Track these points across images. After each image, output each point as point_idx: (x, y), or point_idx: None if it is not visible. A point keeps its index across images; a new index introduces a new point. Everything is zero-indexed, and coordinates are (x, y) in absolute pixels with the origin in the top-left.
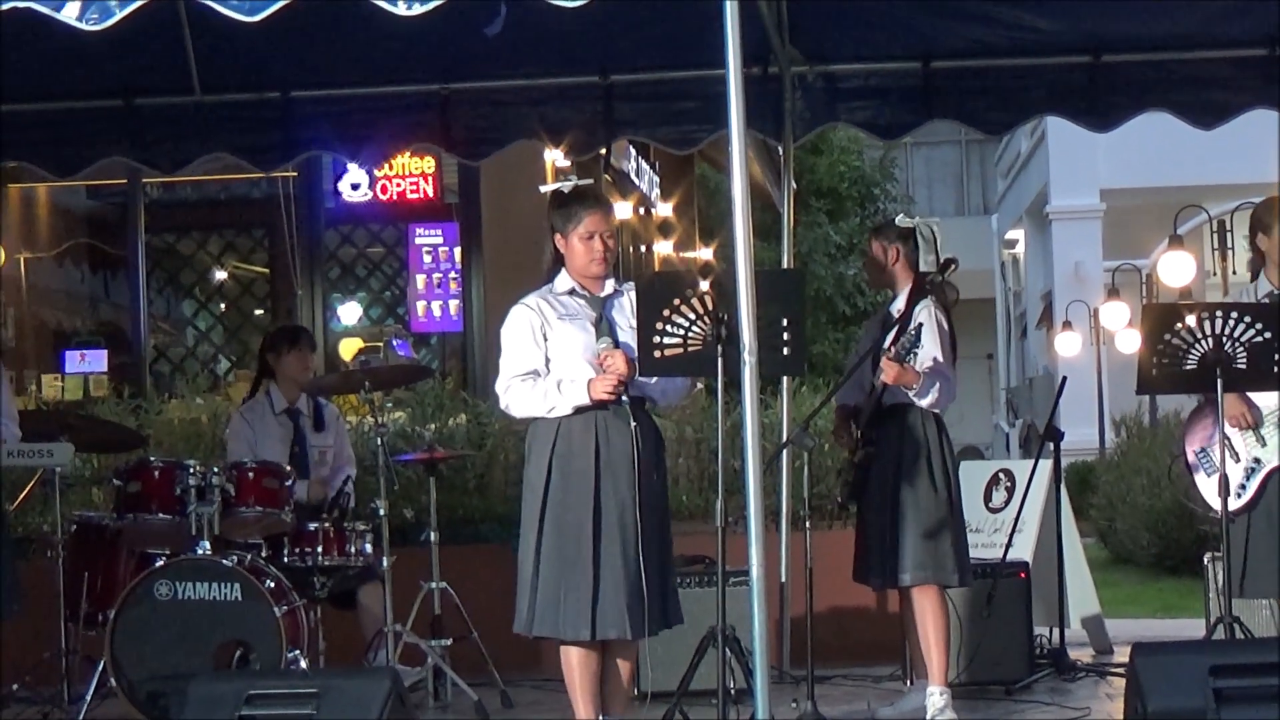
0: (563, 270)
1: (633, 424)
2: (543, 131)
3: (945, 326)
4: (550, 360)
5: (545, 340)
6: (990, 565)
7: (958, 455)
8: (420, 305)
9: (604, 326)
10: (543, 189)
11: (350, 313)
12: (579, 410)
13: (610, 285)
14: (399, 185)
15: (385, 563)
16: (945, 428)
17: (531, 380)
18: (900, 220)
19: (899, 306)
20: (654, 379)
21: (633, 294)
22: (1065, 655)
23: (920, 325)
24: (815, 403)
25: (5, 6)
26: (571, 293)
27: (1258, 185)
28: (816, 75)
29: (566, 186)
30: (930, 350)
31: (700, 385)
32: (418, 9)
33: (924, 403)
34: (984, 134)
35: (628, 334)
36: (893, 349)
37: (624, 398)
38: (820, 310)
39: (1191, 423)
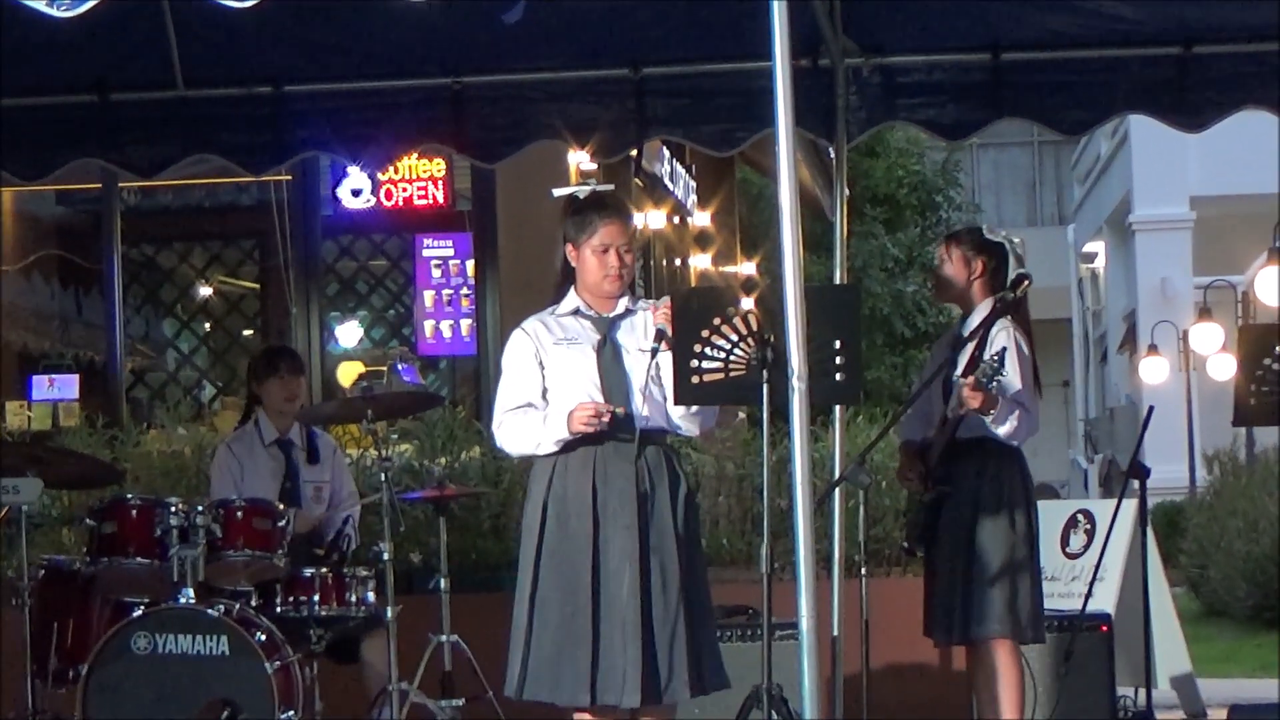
0: (571, 288)
1: (638, 461)
2: (566, 131)
3: (1026, 352)
4: (548, 390)
5: (542, 369)
6: (1068, 617)
7: None
8: (428, 325)
9: (608, 351)
10: (555, 193)
11: (350, 333)
12: (573, 446)
13: (623, 304)
14: (405, 191)
15: (390, 612)
16: (1026, 465)
17: (522, 414)
18: (987, 233)
19: (973, 327)
20: (682, 406)
21: (647, 313)
22: (1152, 718)
23: (1004, 349)
24: (872, 435)
25: None
26: (576, 313)
27: None
28: (873, 68)
29: (582, 192)
30: (1011, 378)
31: (742, 414)
32: None
33: (1001, 431)
34: (1059, 135)
35: (635, 357)
36: (974, 374)
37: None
38: (876, 331)
39: None
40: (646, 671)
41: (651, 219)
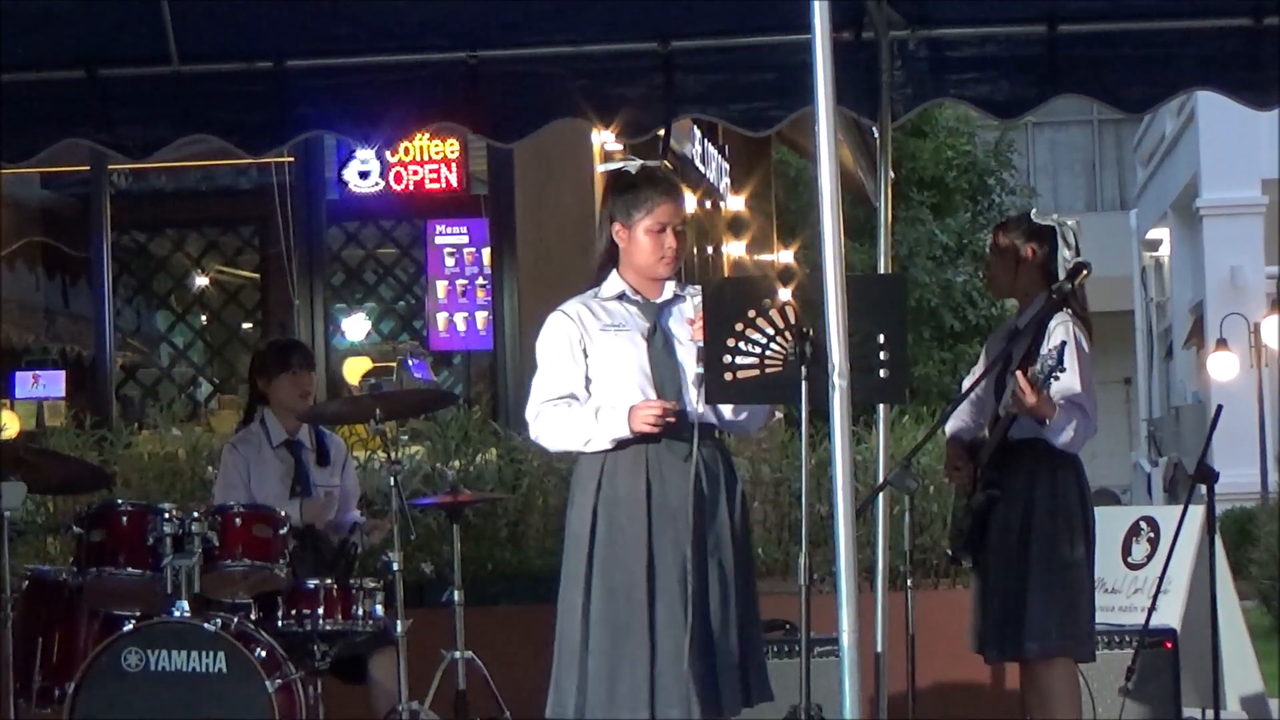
0: (614, 270)
1: (694, 458)
2: (589, 109)
3: (1086, 348)
4: (591, 381)
5: (585, 356)
6: (1130, 633)
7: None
8: (441, 318)
9: (659, 339)
10: (600, 169)
11: (357, 327)
12: (623, 443)
13: (670, 289)
14: (416, 173)
15: (400, 627)
16: (1083, 469)
17: (565, 406)
18: (1035, 217)
19: (1028, 319)
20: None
21: (696, 299)
22: None
23: (1063, 344)
24: (919, 436)
25: None
26: (621, 297)
27: None
28: (920, 41)
29: (633, 166)
30: (1070, 379)
31: (780, 414)
32: None
33: (1059, 441)
34: (1121, 113)
35: (687, 348)
36: (1030, 369)
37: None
38: (923, 324)
39: None
40: (706, 682)
41: None
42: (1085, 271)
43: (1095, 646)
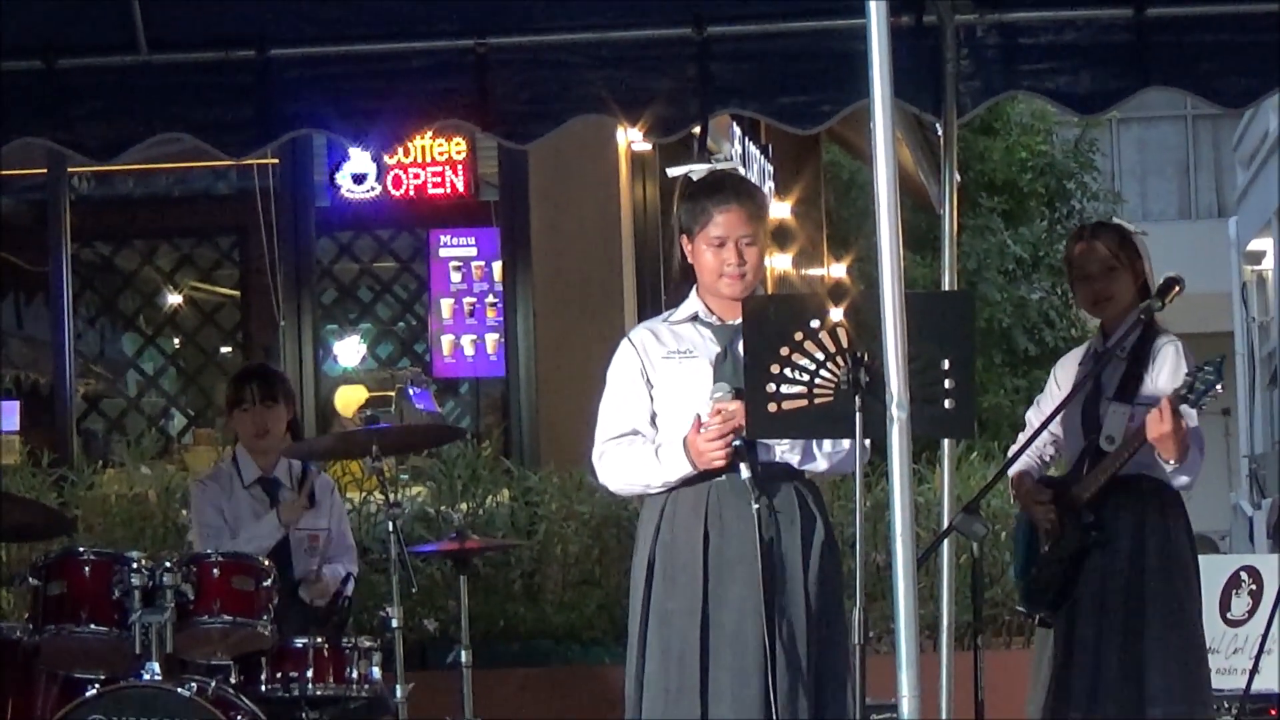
0: (693, 289)
1: (758, 502)
2: (614, 104)
3: None
4: (659, 415)
5: (650, 387)
6: (1229, 698)
7: None
8: (446, 341)
9: (728, 366)
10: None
11: (351, 351)
12: (689, 482)
13: None
14: (417, 177)
15: (400, 692)
16: (1186, 510)
17: (628, 443)
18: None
19: (1122, 340)
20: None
21: None
22: None
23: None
24: (988, 474)
25: None
26: (694, 319)
27: None
28: (990, 27)
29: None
30: (1188, 411)
31: None
32: None
33: (1179, 481)
34: (1218, 108)
35: None
36: (1176, 391)
37: (744, 464)
38: (993, 347)
39: None
40: None
41: None
42: (1178, 288)
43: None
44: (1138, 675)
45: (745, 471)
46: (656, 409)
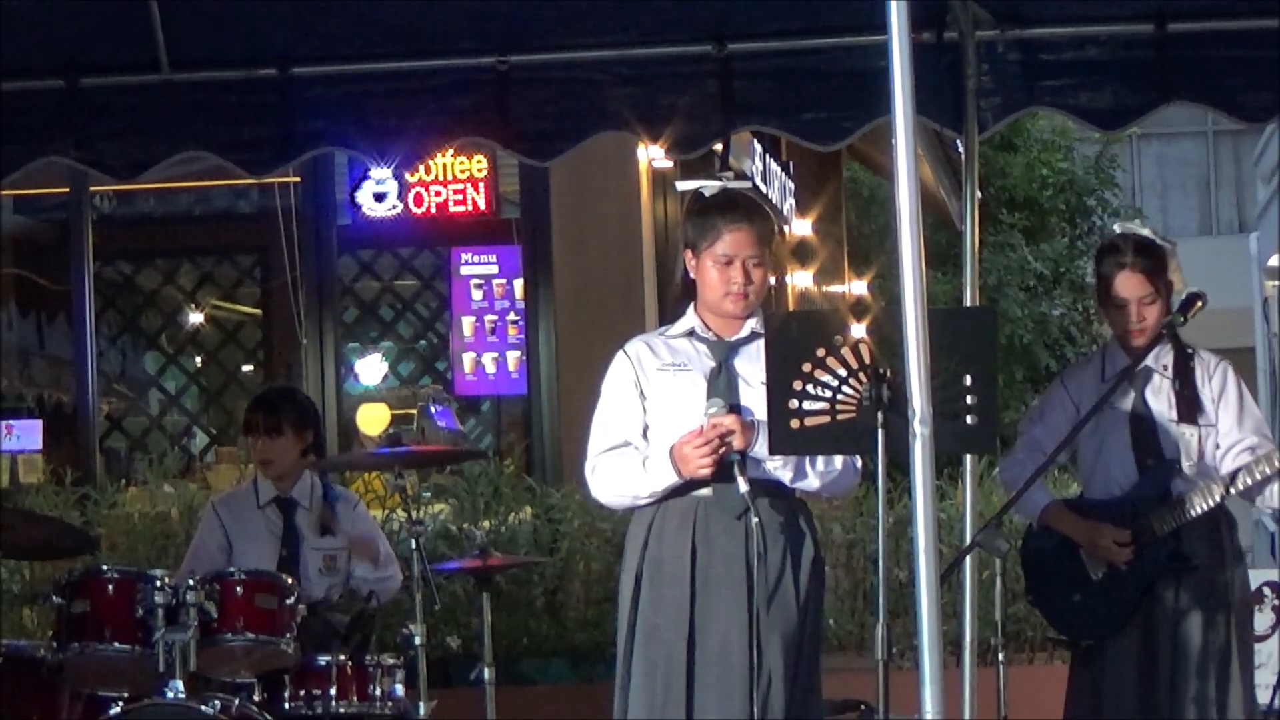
0: (691, 304)
1: (753, 518)
2: (636, 121)
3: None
4: (650, 427)
5: (643, 399)
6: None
7: None
8: (468, 359)
9: (722, 381)
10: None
11: (372, 369)
12: (674, 495)
13: (749, 327)
14: (439, 195)
15: (423, 709)
16: None
17: (618, 455)
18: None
19: (1161, 359)
20: (780, 456)
21: None
22: None
23: None
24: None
25: None
26: (690, 334)
27: None
28: (1010, 43)
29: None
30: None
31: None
32: None
33: (1277, 505)
34: (1239, 123)
35: (757, 391)
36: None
37: (741, 478)
38: (1015, 363)
39: None
40: None
41: None
42: (1200, 303)
43: None
44: (1222, 703)
45: (744, 485)
46: (649, 421)
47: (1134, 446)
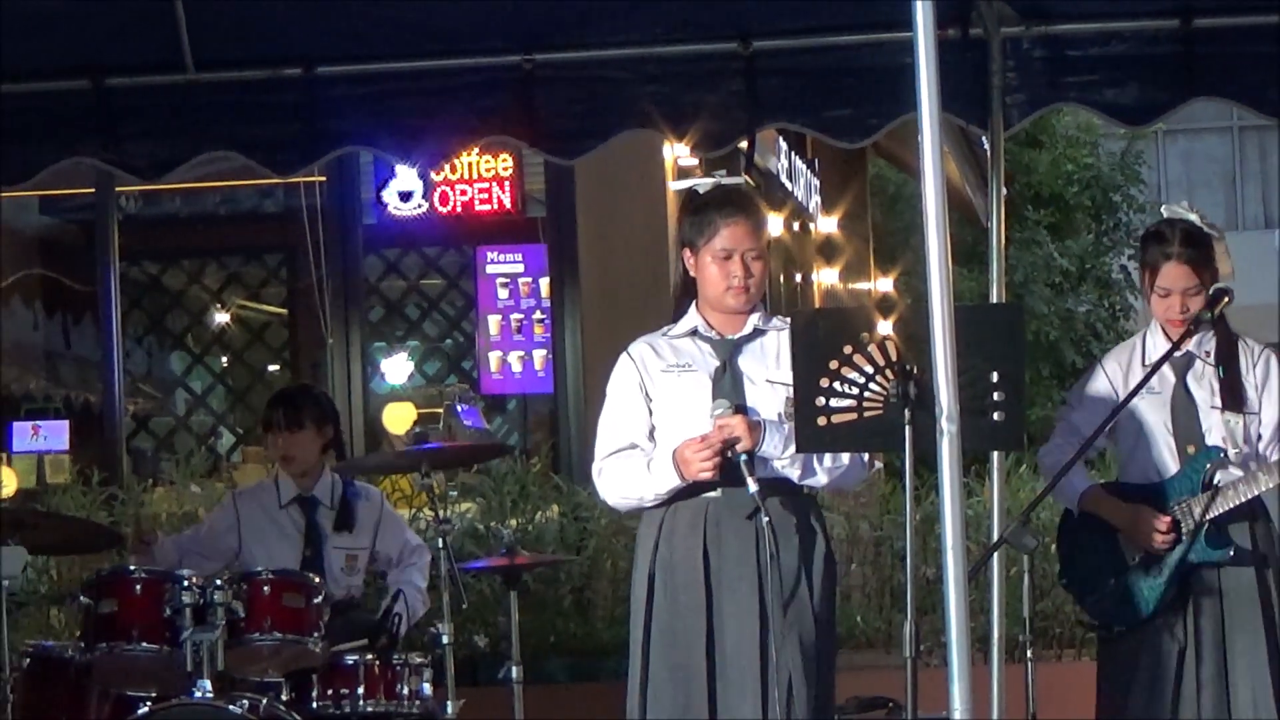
0: (692, 304)
1: (763, 518)
2: (661, 119)
3: None
4: (657, 429)
5: (649, 400)
6: None
7: None
8: (494, 357)
9: (726, 380)
10: (673, 186)
11: (398, 368)
12: (684, 495)
13: (751, 323)
14: (464, 194)
15: (450, 708)
16: None
17: (624, 457)
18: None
19: (1204, 345)
20: (805, 453)
21: (782, 334)
22: None
23: None
24: (1038, 487)
25: None
26: (693, 334)
27: None
28: (1036, 39)
29: (704, 185)
30: None
31: (879, 464)
32: None
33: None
34: (1266, 118)
35: (761, 389)
36: None
37: (750, 478)
38: (1041, 360)
39: None
40: None
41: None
42: (1226, 299)
43: None
44: (1266, 682)
45: (753, 485)
46: (655, 422)
47: (1174, 433)
